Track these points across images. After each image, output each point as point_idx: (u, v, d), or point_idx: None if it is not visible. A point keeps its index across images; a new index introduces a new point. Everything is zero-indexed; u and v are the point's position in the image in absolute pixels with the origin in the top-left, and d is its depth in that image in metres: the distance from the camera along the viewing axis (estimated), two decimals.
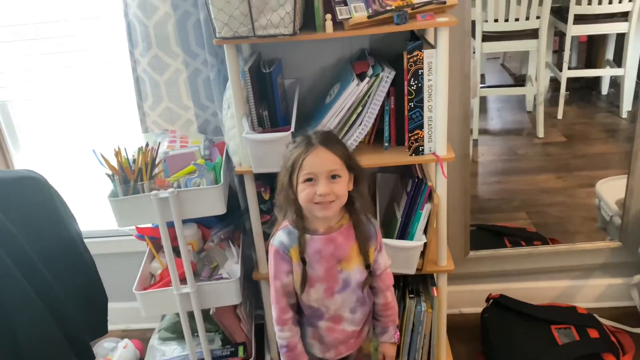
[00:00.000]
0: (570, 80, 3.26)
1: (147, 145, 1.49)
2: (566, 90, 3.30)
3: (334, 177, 1.18)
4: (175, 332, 1.79)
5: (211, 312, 1.72)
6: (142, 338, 2.09)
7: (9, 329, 1.03)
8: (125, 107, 1.87)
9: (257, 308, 1.95)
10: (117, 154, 1.46)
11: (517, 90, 3.56)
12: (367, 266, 1.29)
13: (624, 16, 3.00)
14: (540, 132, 3.16)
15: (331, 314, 1.29)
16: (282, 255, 1.26)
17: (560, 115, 3.34)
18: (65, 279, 1.19)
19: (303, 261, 1.24)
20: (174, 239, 1.52)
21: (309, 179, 1.18)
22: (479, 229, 2.21)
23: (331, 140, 1.22)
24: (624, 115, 3.25)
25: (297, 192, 1.20)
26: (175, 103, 1.74)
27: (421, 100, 1.50)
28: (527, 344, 1.77)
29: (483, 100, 3.61)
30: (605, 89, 3.59)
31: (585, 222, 2.36)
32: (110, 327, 1.54)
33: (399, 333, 1.43)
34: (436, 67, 1.45)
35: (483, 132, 3.36)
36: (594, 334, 1.78)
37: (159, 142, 1.55)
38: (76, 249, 1.26)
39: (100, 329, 1.37)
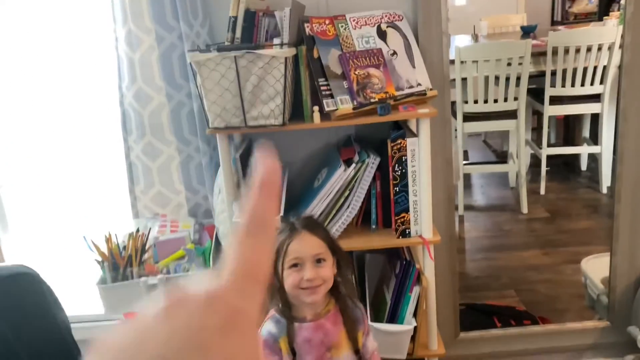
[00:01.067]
0: (550, 157, 3.38)
1: (137, 230, 1.51)
2: (547, 167, 3.41)
3: (319, 261, 1.20)
4: None
5: None
6: None
7: None
8: (117, 192, 1.90)
9: None
10: (108, 240, 1.47)
11: (499, 167, 3.68)
12: (357, 351, 1.28)
13: (597, 97, 3.17)
14: (524, 208, 3.24)
15: None
16: (272, 346, 1.25)
17: (542, 191, 3.44)
18: None
19: (293, 352, 1.23)
20: None
21: (295, 264, 1.19)
22: (468, 308, 2.21)
23: (314, 225, 1.25)
24: (604, 190, 3.35)
25: (282, 279, 1.21)
26: (166, 187, 1.78)
27: (406, 185, 1.55)
28: None
29: (467, 177, 3.72)
30: (584, 164, 3.72)
31: (574, 300, 2.37)
32: None
33: None
34: (419, 154, 1.52)
35: (468, 207, 3.43)
36: None
37: (150, 228, 1.57)
38: (64, 341, 1.24)
39: None
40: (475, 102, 3.15)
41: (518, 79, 3.09)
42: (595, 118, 3.36)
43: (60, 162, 1.94)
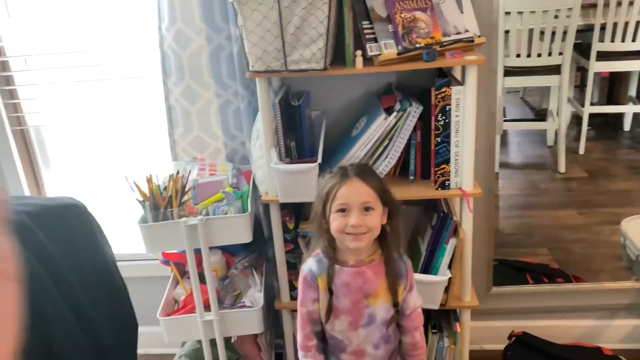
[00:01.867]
0: (591, 116, 3.25)
1: (177, 172, 1.53)
2: (588, 126, 3.29)
3: (367, 209, 1.19)
4: (195, 359, 1.78)
5: (232, 340, 1.72)
6: None
7: (47, 349, 1.06)
8: (156, 135, 1.92)
9: (277, 337, 1.95)
10: (149, 180, 1.49)
11: (538, 125, 3.56)
12: (395, 304, 1.28)
13: None
14: (562, 167, 3.15)
15: (354, 347, 1.29)
16: (310, 282, 1.27)
17: (581, 151, 3.33)
18: (99, 303, 1.22)
19: (330, 291, 1.25)
20: (198, 264, 1.54)
21: (342, 210, 1.19)
22: (500, 264, 2.19)
23: (367, 173, 1.24)
24: None
25: (329, 221, 1.21)
26: (205, 132, 1.78)
27: (448, 136, 1.52)
28: None
29: (504, 134, 3.61)
30: (627, 125, 3.58)
31: (609, 260, 2.33)
32: None
33: None
34: (464, 103, 1.47)
35: (504, 165, 3.35)
36: None
37: (189, 170, 1.58)
38: (111, 276, 1.29)
39: (130, 355, 1.39)
40: (518, 55, 3.02)
41: (564, 32, 2.94)
42: None
43: (100, 103, 1.95)
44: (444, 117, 1.50)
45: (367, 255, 1.26)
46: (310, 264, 1.28)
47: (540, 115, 3.74)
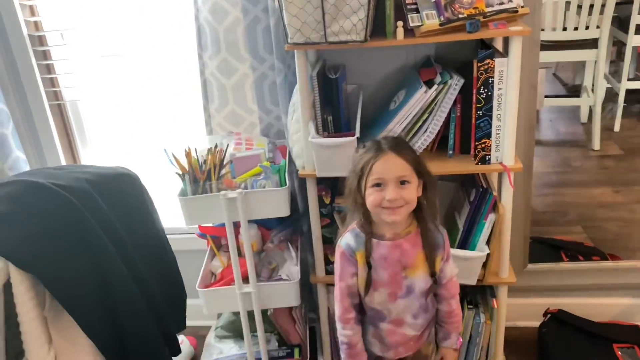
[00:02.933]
0: (627, 93, 3.16)
1: (215, 146, 1.53)
2: (624, 102, 3.20)
3: (403, 182, 1.18)
4: (231, 331, 1.82)
5: (269, 313, 1.74)
6: (195, 335, 2.13)
7: (113, 316, 1.09)
8: (191, 109, 1.92)
9: (311, 311, 1.97)
10: (188, 154, 1.50)
11: (573, 101, 3.47)
12: (432, 274, 1.28)
13: None
14: (596, 145, 3.08)
15: (393, 317, 1.30)
16: (348, 257, 1.27)
17: (617, 128, 3.25)
18: (153, 270, 1.24)
19: (368, 265, 1.25)
20: (235, 237, 1.55)
21: (378, 184, 1.18)
22: (535, 241, 2.17)
23: (401, 146, 1.22)
24: None
25: (365, 196, 1.21)
26: (240, 106, 1.78)
27: (490, 109, 1.48)
28: None
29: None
30: None
31: None
32: None
33: (461, 340, 1.43)
34: (507, 76, 1.44)
35: (536, 143, 3.29)
36: None
37: (226, 144, 1.59)
38: (162, 245, 1.31)
39: (181, 324, 1.42)
40: (554, 29, 2.94)
41: (602, 5, 2.85)
42: None
43: (137, 78, 1.96)
44: (486, 90, 1.47)
45: (403, 228, 1.25)
46: (347, 239, 1.28)
47: (573, 91, 3.65)
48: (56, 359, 1.04)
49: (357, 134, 1.50)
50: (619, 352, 1.75)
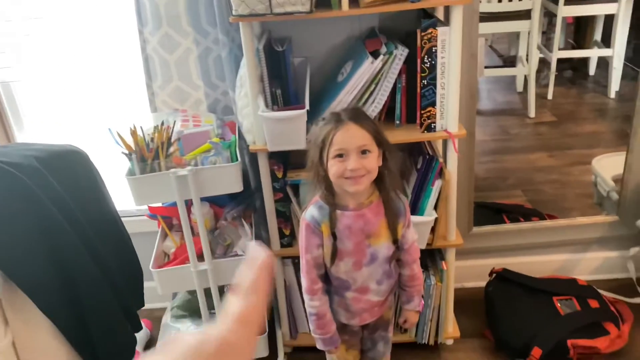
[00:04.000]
0: (558, 62, 3.32)
1: (162, 124, 1.49)
2: (556, 72, 3.36)
3: (364, 152, 1.20)
4: (188, 310, 1.81)
5: (226, 289, 1.74)
6: (151, 317, 2.10)
7: (72, 294, 1.06)
8: (133, 87, 1.86)
9: None
10: (133, 133, 1.45)
11: (509, 71, 3.61)
12: (395, 241, 1.32)
13: None
14: (532, 112, 3.23)
15: (358, 285, 1.33)
16: (313, 229, 1.28)
17: (550, 96, 3.41)
18: (110, 250, 1.21)
19: (333, 236, 1.27)
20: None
21: (340, 155, 1.20)
22: (478, 206, 2.26)
23: (361, 116, 1.24)
24: (612, 95, 3.33)
25: (327, 168, 1.22)
26: (185, 82, 1.74)
27: (434, 78, 1.52)
28: (532, 315, 1.84)
29: None
30: (592, 69, 3.67)
31: (580, 199, 2.44)
32: None
33: (423, 302, 1.48)
34: (449, 44, 1.48)
35: (476, 112, 3.41)
36: (594, 304, 1.86)
37: (173, 122, 1.55)
38: (116, 223, 1.28)
39: (139, 301, 1.40)
40: (489, 1, 3.02)
41: None
42: (608, 21, 3.27)
43: (75, 57, 1.87)
44: (430, 59, 1.50)
45: (366, 197, 1.28)
46: (311, 212, 1.29)
47: (509, 62, 3.79)
48: (14, 340, 1.00)
49: (307, 107, 1.51)
50: (559, 304, 1.87)
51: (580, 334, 1.74)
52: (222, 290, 1.72)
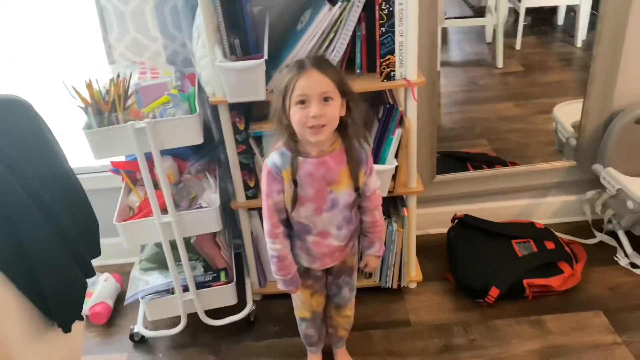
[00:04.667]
0: (527, 12, 3.31)
1: (118, 76, 1.47)
2: (524, 22, 3.36)
3: (326, 99, 1.20)
4: (156, 262, 1.83)
5: (192, 241, 1.76)
6: (120, 272, 2.13)
7: (18, 247, 1.07)
8: (89, 40, 1.81)
9: (235, 237, 2.01)
10: (89, 86, 1.43)
11: (477, 21, 3.59)
12: (356, 189, 1.34)
13: None
14: (500, 63, 3.24)
15: (319, 229, 1.36)
16: (275, 175, 1.30)
17: (518, 46, 3.42)
18: (61, 201, 1.21)
19: (294, 182, 1.29)
20: (150, 170, 1.53)
21: (302, 102, 1.20)
22: (443, 155, 2.31)
23: (324, 64, 1.24)
24: (579, 44, 3.35)
25: (290, 115, 1.23)
26: (142, 33, 1.70)
27: (392, 25, 1.52)
28: (491, 257, 1.92)
29: (444, 32, 3.63)
30: (561, 19, 3.67)
31: (543, 146, 2.49)
32: None
33: (384, 248, 1.53)
34: None
35: (445, 64, 3.40)
36: (550, 245, 1.94)
37: (130, 74, 1.53)
38: (67, 174, 1.27)
39: (95, 250, 1.41)
40: None
41: None
42: None
43: (28, 10, 1.80)
44: (387, 6, 1.50)
45: (328, 145, 1.29)
46: (273, 158, 1.31)
47: (479, 13, 3.77)
48: None
49: (266, 56, 1.50)
50: (517, 247, 1.95)
51: (535, 273, 1.82)
52: (187, 242, 1.74)
